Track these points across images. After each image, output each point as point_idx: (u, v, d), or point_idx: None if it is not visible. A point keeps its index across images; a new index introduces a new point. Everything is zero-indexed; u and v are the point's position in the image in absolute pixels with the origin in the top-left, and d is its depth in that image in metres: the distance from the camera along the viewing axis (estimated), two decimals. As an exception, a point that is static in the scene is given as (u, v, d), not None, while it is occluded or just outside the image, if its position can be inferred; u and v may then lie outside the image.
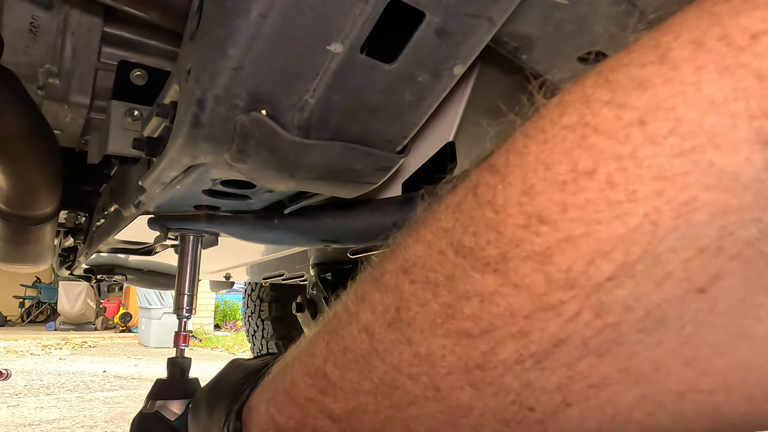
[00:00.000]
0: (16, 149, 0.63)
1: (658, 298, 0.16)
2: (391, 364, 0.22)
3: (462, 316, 0.20)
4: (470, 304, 0.19)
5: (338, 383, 0.25)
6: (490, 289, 0.19)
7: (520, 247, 0.18)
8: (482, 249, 0.19)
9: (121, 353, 6.08)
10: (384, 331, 0.23)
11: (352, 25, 0.33)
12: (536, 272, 0.17)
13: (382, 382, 0.23)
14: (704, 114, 0.15)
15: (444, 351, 0.20)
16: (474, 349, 0.20)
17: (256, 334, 2.56)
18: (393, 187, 0.63)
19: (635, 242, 0.16)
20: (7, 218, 0.87)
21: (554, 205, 0.17)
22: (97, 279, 1.42)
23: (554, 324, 0.18)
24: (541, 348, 0.18)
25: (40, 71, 0.62)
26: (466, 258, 0.19)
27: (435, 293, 0.20)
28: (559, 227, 0.17)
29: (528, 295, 0.18)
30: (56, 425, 2.59)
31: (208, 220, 0.65)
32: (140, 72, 0.61)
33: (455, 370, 0.20)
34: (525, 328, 0.18)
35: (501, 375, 0.19)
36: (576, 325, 0.17)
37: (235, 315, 9.98)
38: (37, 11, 0.57)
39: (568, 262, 0.17)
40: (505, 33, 0.48)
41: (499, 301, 0.18)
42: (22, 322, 9.83)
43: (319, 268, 1.23)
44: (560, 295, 0.17)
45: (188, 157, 0.41)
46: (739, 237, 0.15)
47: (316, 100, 0.38)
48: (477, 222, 0.19)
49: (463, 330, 0.20)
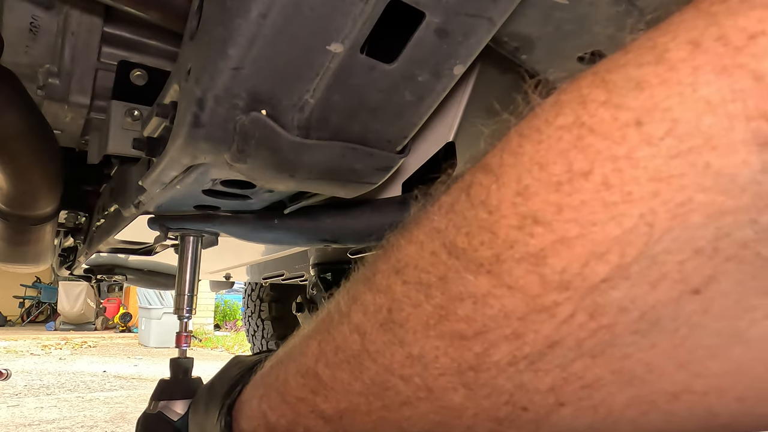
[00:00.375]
0: (16, 149, 0.63)
1: (653, 299, 0.16)
2: (383, 365, 0.22)
3: (455, 317, 0.20)
4: (463, 305, 0.19)
5: (330, 383, 0.25)
6: (484, 291, 0.19)
7: (514, 249, 0.18)
8: (475, 250, 0.19)
9: (121, 353, 6.08)
10: (376, 332, 0.23)
11: (352, 25, 0.33)
12: (530, 274, 0.17)
13: (374, 382, 0.23)
14: (701, 115, 0.15)
15: (437, 352, 0.20)
16: (467, 351, 0.19)
17: (256, 334, 2.56)
18: (393, 187, 0.63)
19: (630, 243, 0.16)
20: (7, 218, 0.87)
21: (549, 206, 0.17)
22: (97, 279, 1.42)
23: (548, 326, 0.18)
24: (534, 349, 0.18)
25: (40, 71, 0.62)
26: (459, 259, 0.19)
27: (427, 294, 0.20)
28: (553, 228, 0.17)
29: (522, 296, 0.18)
30: (56, 425, 2.59)
31: (208, 220, 0.65)
32: (140, 72, 0.61)
33: (448, 371, 0.20)
34: (519, 330, 0.18)
35: (494, 376, 0.19)
36: (570, 326, 0.17)
37: (235, 315, 9.98)
38: (37, 11, 0.57)
39: (562, 263, 0.17)
40: (505, 33, 0.48)
41: (493, 303, 0.18)
42: (22, 322, 9.83)
43: (319, 268, 1.23)
44: (554, 297, 0.17)
45: (188, 157, 0.41)
46: (735, 238, 0.15)
47: (316, 100, 0.38)
48: (470, 222, 0.19)
49: (456, 331, 0.20)
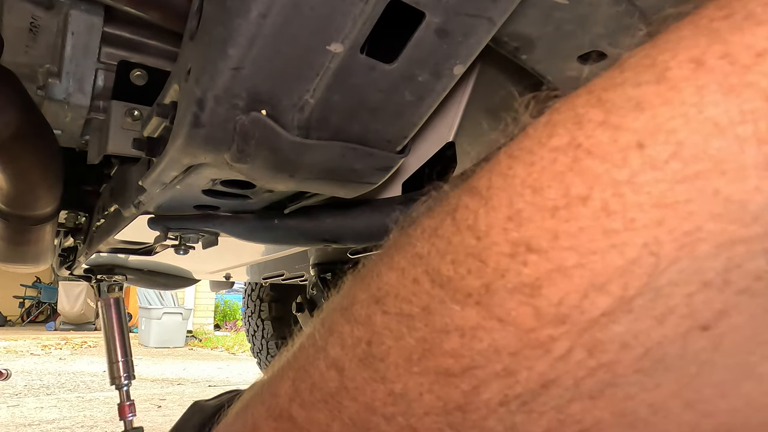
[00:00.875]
0: (16, 149, 0.63)
1: (658, 335, 0.15)
2: (364, 404, 0.21)
3: (440, 351, 0.18)
4: (449, 339, 0.18)
5: (305, 426, 0.23)
6: (472, 323, 0.17)
7: (505, 278, 0.16)
8: (462, 279, 0.17)
9: (121, 353, 6.08)
10: (355, 368, 0.21)
11: (352, 25, 0.33)
12: (524, 305, 0.16)
13: (354, 422, 0.21)
14: (708, 138, 0.14)
15: (421, 389, 0.19)
16: (454, 389, 0.18)
17: (256, 334, 2.56)
18: (393, 187, 0.63)
19: (634, 275, 0.15)
20: (7, 218, 0.87)
21: (544, 232, 0.16)
22: (97, 279, 1.42)
23: (543, 363, 0.16)
24: (528, 389, 0.17)
25: (40, 71, 0.62)
26: (444, 288, 0.18)
27: (410, 326, 0.19)
28: (549, 257, 0.16)
29: (514, 330, 0.16)
30: (56, 425, 2.59)
31: (208, 220, 0.65)
32: (140, 72, 0.61)
33: (433, 410, 0.19)
34: (511, 367, 0.17)
35: (484, 417, 0.18)
36: (567, 364, 0.16)
37: (235, 315, 9.98)
38: (37, 11, 0.57)
39: (559, 294, 0.16)
40: (505, 33, 0.48)
41: (482, 337, 0.17)
42: (22, 322, 9.83)
43: (319, 268, 1.23)
44: (550, 331, 0.16)
45: (188, 157, 0.41)
46: (747, 270, 0.14)
47: (316, 100, 0.38)
48: (456, 249, 0.18)
49: (441, 367, 0.18)
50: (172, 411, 2.98)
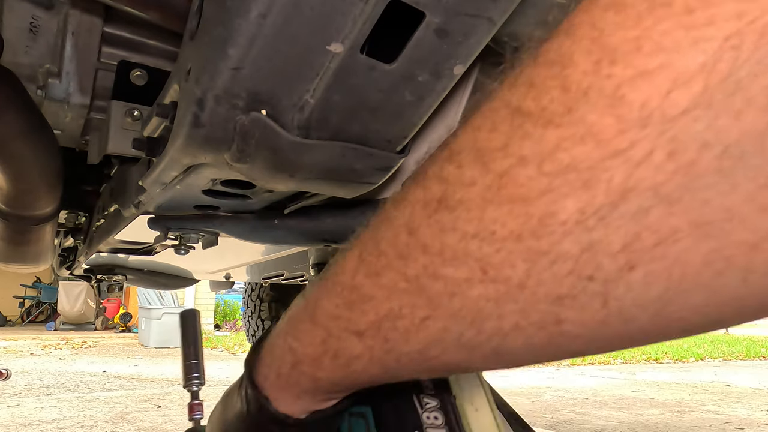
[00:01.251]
0: (16, 149, 0.63)
1: (737, 132, 0.15)
2: (434, 254, 0.21)
3: (516, 183, 0.18)
4: (527, 167, 0.18)
5: (369, 292, 0.24)
6: (551, 146, 0.17)
7: (588, 95, 0.17)
8: (544, 108, 0.18)
9: (121, 353, 6.08)
10: (426, 224, 0.21)
11: (352, 25, 0.33)
12: (605, 116, 0.16)
13: (422, 275, 0.22)
14: None
15: (495, 225, 0.19)
16: (530, 217, 0.18)
17: (256, 334, 2.56)
18: (393, 187, 0.63)
19: (715, 68, 0.15)
20: (7, 218, 0.87)
21: (628, 41, 0.16)
22: (97, 279, 1.43)
23: (622, 171, 0.16)
24: (607, 200, 0.17)
25: (40, 71, 0.62)
26: (526, 118, 0.18)
27: (486, 167, 0.19)
28: (633, 64, 0.16)
29: (594, 143, 0.17)
30: (56, 425, 2.59)
31: (208, 220, 0.65)
32: (140, 72, 0.61)
33: (507, 243, 0.19)
34: (589, 181, 0.17)
35: (559, 240, 0.18)
36: (647, 169, 0.16)
37: (235, 315, 9.98)
38: (37, 11, 0.57)
39: (642, 97, 0.16)
40: (505, 33, 0.48)
41: (561, 157, 0.17)
42: (22, 322, 9.83)
43: (319, 268, 1.23)
44: (631, 136, 0.16)
45: (188, 157, 0.41)
46: None
47: (316, 100, 0.38)
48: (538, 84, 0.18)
49: (517, 196, 0.18)
50: (172, 411, 2.98)
